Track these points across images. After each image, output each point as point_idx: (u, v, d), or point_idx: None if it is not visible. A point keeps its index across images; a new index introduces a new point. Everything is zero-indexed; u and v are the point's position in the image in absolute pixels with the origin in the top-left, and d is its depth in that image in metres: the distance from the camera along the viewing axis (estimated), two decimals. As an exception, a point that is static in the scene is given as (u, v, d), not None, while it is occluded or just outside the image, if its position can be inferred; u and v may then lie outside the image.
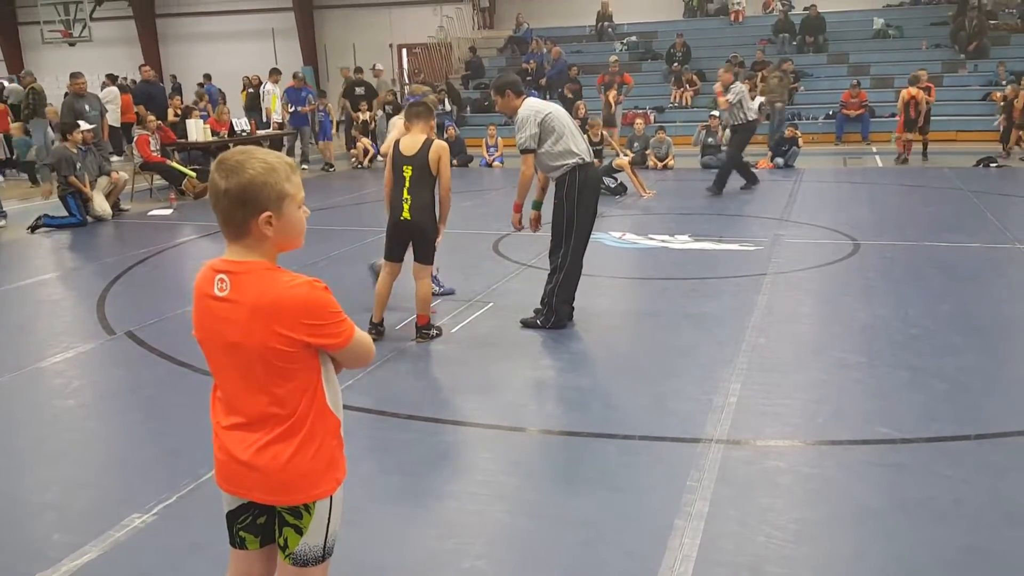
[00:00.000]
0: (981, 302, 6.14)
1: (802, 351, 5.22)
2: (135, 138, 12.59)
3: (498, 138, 15.76)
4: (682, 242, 8.37)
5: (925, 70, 14.77)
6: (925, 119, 13.96)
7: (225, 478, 2.00)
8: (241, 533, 2.05)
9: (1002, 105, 14.90)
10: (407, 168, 5.08)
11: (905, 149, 14.02)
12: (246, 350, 1.87)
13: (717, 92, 11.74)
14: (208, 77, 21.89)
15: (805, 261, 7.43)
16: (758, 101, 16.98)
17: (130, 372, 5.22)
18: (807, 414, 4.25)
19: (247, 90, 18.27)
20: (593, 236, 8.61)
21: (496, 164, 15.34)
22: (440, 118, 10.44)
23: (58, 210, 10.27)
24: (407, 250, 5.32)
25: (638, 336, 5.75)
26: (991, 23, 18.98)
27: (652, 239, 8.56)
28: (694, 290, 6.68)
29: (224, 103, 16.93)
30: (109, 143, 14.67)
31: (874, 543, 3.08)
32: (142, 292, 7.19)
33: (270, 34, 26.87)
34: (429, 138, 5.14)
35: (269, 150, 1.95)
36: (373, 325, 5.36)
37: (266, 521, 2.04)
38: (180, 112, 14.82)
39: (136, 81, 19.56)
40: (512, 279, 7.02)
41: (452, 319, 5.94)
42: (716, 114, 14.63)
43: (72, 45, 24.27)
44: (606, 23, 22.40)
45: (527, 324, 5.69)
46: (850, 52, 19.61)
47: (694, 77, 19.36)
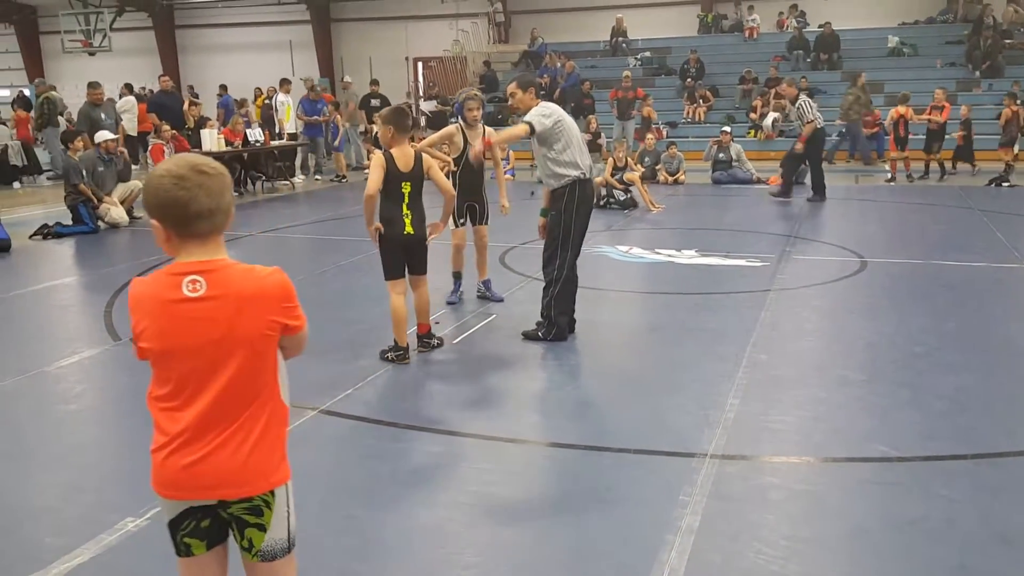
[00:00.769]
0: (985, 321, 6.10)
1: (803, 368, 5.20)
2: (150, 147, 12.73)
3: (510, 151, 15.81)
4: (689, 257, 8.37)
5: (944, 89, 14.75)
6: (939, 139, 13.89)
7: (174, 484, 2.00)
8: (185, 540, 2.06)
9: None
10: (406, 184, 5.02)
11: (896, 168, 14.01)
12: (231, 342, 1.93)
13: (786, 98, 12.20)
14: (224, 88, 22.11)
15: (811, 278, 7.41)
16: (771, 116, 17.00)
17: (132, 378, 5.25)
18: (804, 431, 4.23)
19: (265, 99, 18.40)
20: (599, 249, 8.74)
21: (508, 177, 15.38)
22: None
23: (64, 217, 10.39)
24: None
25: (639, 350, 5.74)
26: (1006, 42, 18.91)
27: (659, 253, 8.56)
28: (698, 305, 6.67)
29: (239, 114, 17.09)
30: (126, 152, 14.87)
31: (864, 562, 3.06)
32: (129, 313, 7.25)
33: (287, 46, 27.15)
34: (416, 151, 5.13)
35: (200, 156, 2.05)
36: (402, 349, 5.20)
37: (210, 524, 2.06)
38: (196, 120, 14.97)
39: (153, 91, 19.79)
40: (517, 291, 7.03)
41: (455, 329, 5.96)
42: (727, 130, 14.65)
43: (92, 55, 24.63)
44: (620, 39, 22.48)
45: (529, 336, 5.70)
46: (864, 70, 19.53)
47: (708, 93, 19.40)
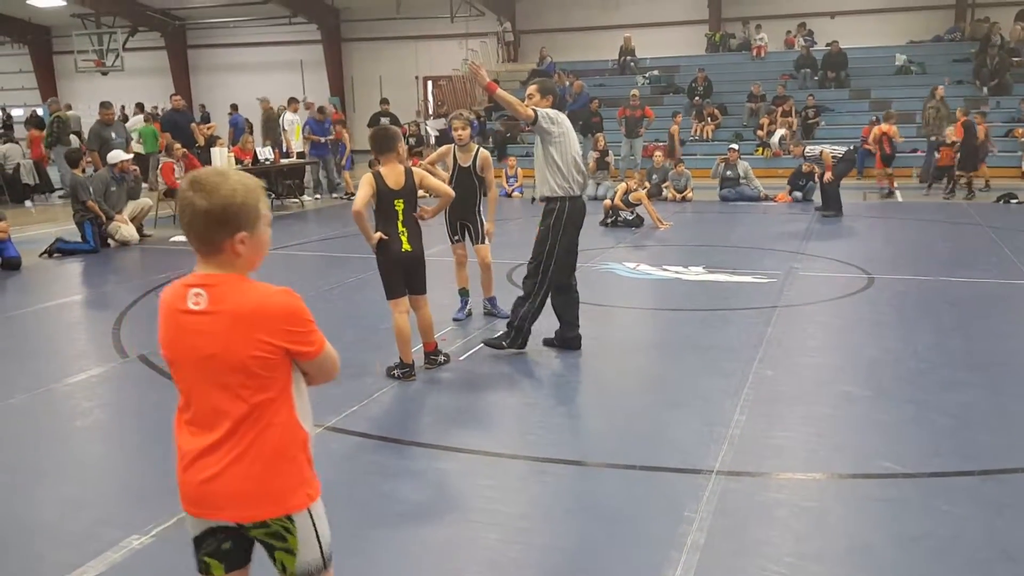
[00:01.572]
0: (990, 338, 6.07)
1: (809, 384, 5.19)
2: (160, 165, 12.85)
3: (518, 168, 15.89)
4: (696, 273, 8.38)
5: (964, 108, 14.78)
6: (971, 154, 13.91)
7: (193, 500, 2.00)
8: (205, 559, 2.05)
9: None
10: (398, 202, 5.04)
11: (890, 183, 14.20)
12: (223, 360, 1.90)
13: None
14: (235, 107, 22.31)
15: (818, 294, 7.40)
16: (779, 134, 17.03)
17: (139, 395, 5.30)
18: (809, 447, 4.22)
19: (273, 111, 18.44)
20: (607, 266, 8.75)
21: (516, 194, 15.46)
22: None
23: (75, 236, 10.49)
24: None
25: (645, 366, 5.74)
26: (1013, 60, 18.92)
27: (666, 270, 8.57)
28: (704, 321, 6.67)
29: (250, 133, 17.22)
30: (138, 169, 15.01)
31: (868, 578, 3.05)
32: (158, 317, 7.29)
33: (298, 66, 27.41)
34: (407, 167, 5.17)
35: (242, 172, 2.00)
36: (408, 367, 5.25)
37: (231, 547, 2.04)
38: (208, 138, 15.10)
39: (164, 110, 19.96)
40: (523, 308, 7.04)
41: (461, 346, 5.98)
42: (735, 147, 14.68)
43: (105, 74, 24.92)
44: (628, 57, 22.60)
45: (491, 344, 5.75)
46: (872, 88, 19.61)
47: (715, 111, 19.46)
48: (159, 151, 13.73)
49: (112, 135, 11.86)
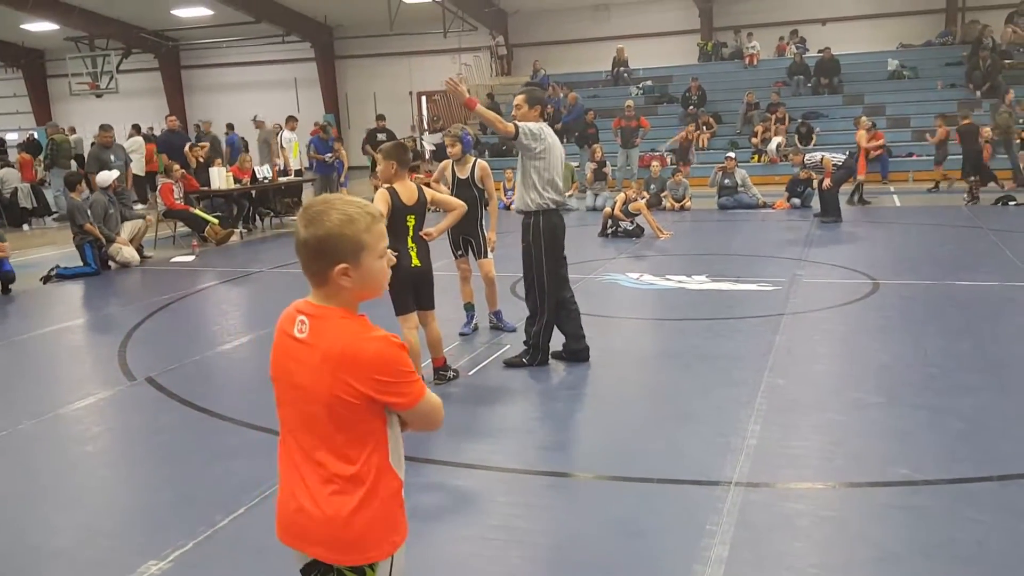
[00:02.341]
0: (999, 340, 6.08)
1: (820, 392, 5.18)
2: (159, 186, 12.84)
3: (515, 181, 15.89)
4: (699, 282, 8.37)
5: (969, 116, 14.84)
6: (975, 158, 13.95)
7: (287, 530, 1.95)
8: None
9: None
10: (410, 218, 5.04)
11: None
12: (311, 394, 1.86)
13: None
14: (231, 127, 22.32)
15: (823, 301, 7.40)
16: (775, 141, 17.06)
17: (149, 418, 5.26)
18: (825, 456, 4.20)
19: (264, 127, 18.46)
20: (610, 277, 8.75)
21: (514, 207, 15.44)
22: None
23: (73, 259, 10.47)
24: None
25: (655, 377, 5.73)
26: (1005, 62, 19.02)
27: (669, 279, 8.57)
28: (711, 331, 6.66)
29: (246, 152, 17.22)
30: (133, 191, 14.99)
31: (895, 588, 3.02)
32: (163, 338, 7.26)
33: (292, 84, 27.47)
34: (417, 184, 5.18)
35: (352, 199, 1.91)
36: None
37: None
38: (203, 159, 15.10)
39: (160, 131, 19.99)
40: (529, 322, 7.02)
41: (469, 361, 5.96)
42: (732, 155, 14.72)
43: (99, 96, 24.96)
44: (622, 68, 22.69)
45: (511, 364, 5.75)
46: (865, 93, 19.70)
47: (710, 120, 19.53)
48: (157, 172, 13.73)
49: (111, 157, 11.84)
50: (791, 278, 8.33)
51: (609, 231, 11.66)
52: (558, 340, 5.86)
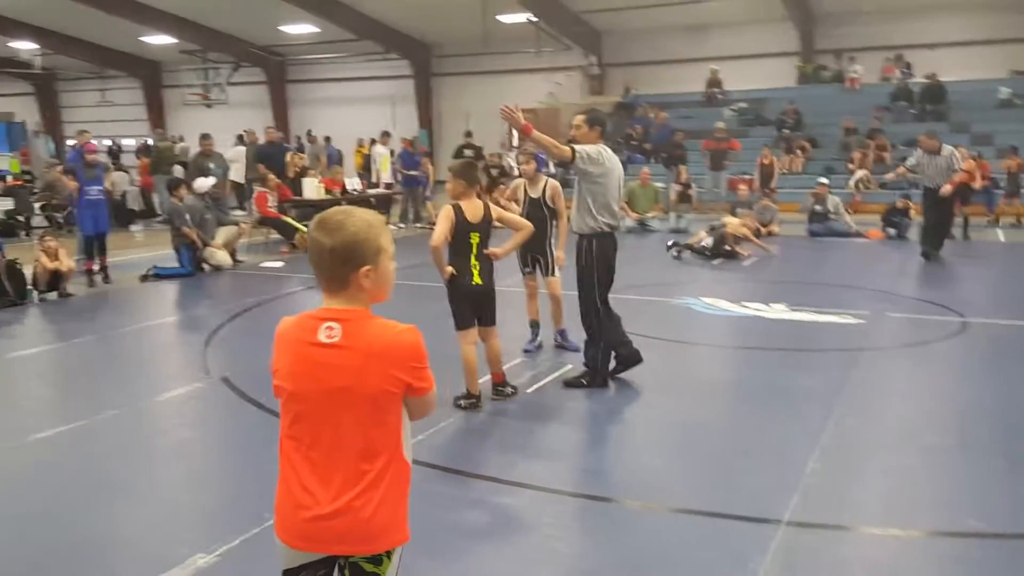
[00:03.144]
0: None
1: (891, 432, 4.96)
2: (255, 194, 13.37)
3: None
4: (778, 311, 8.15)
5: None
6: None
7: (305, 537, 2.02)
8: None
9: None
10: (474, 236, 5.09)
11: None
12: (355, 393, 1.97)
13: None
14: (328, 140, 23.08)
15: (906, 337, 7.09)
16: (858, 175, 16.41)
17: (219, 417, 5.48)
18: (887, 500, 4.02)
19: (368, 148, 19.08)
20: (682, 301, 8.61)
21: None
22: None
23: (172, 261, 10.98)
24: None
25: (717, 407, 5.58)
26: None
27: (745, 307, 8.37)
28: (783, 362, 6.47)
29: (341, 164, 17.81)
30: (233, 197, 15.68)
31: (944, 645, 2.87)
32: (243, 340, 7.55)
33: (389, 100, 28.17)
34: (485, 202, 5.21)
35: (364, 208, 2.09)
36: (475, 397, 5.27)
37: None
38: (299, 169, 15.66)
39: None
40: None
41: (529, 379, 5.96)
42: (824, 181, 14.30)
43: (209, 107, 26.24)
44: (716, 89, 22.39)
45: (571, 384, 5.73)
46: (972, 122, 18.82)
47: (805, 144, 19.04)
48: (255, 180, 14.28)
49: (210, 165, 12.40)
50: (875, 311, 8.01)
51: (708, 253, 11.37)
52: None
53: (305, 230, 12.98)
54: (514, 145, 24.07)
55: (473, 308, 5.19)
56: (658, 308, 8.40)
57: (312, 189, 13.90)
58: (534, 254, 6.51)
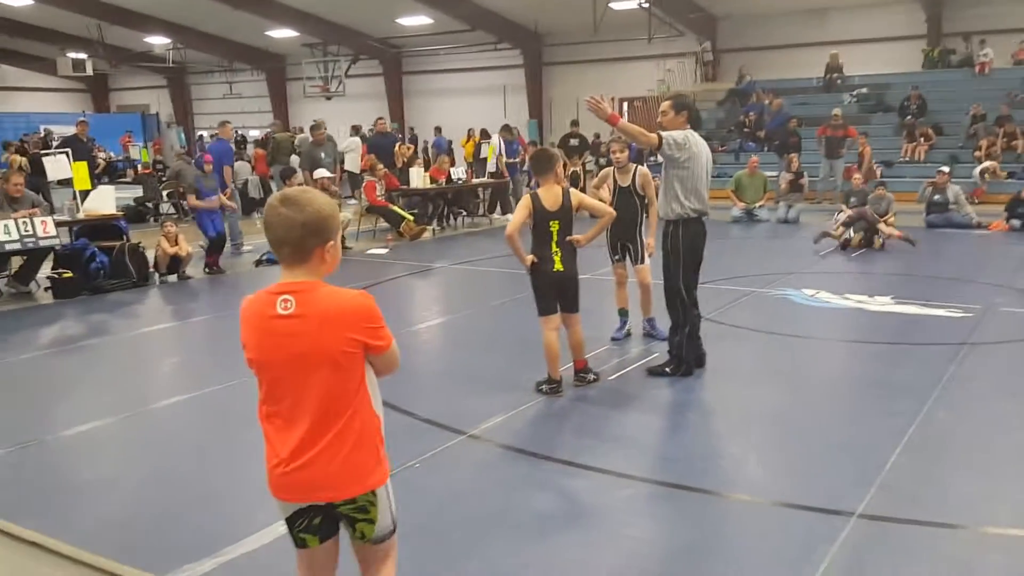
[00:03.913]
0: None
1: (985, 430, 4.75)
2: (363, 183, 13.88)
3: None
4: (881, 304, 7.87)
5: None
6: None
7: (288, 488, 2.25)
8: (301, 535, 2.32)
9: None
10: (554, 223, 5.16)
11: None
12: (316, 357, 2.15)
13: None
14: (438, 130, 23.59)
15: (1017, 333, 6.71)
16: (982, 166, 15.48)
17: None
18: (970, 499, 3.87)
19: (476, 141, 19.42)
20: (782, 292, 8.42)
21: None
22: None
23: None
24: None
25: (805, 399, 5.47)
26: None
27: (848, 299, 8.12)
28: (879, 356, 6.28)
29: (450, 154, 18.21)
30: (348, 186, 16.29)
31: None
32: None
33: (501, 90, 28.46)
34: (563, 188, 5.25)
35: (308, 189, 2.31)
36: (556, 383, 5.37)
37: (321, 521, 2.30)
38: (407, 160, 16.12)
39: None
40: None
41: (614, 366, 6.01)
42: (945, 169, 13.59)
43: (328, 99, 27.27)
44: (835, 75, 21.51)
45: (654, 372, 5.74)
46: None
47: (929, 131, 18.08)
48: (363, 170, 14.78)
49: (322, 155, 12.93)
50: (987, 305, 7.61)
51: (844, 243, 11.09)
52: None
53: (411, 218, 13.40)
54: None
55: (555, 294, 5.29)
56: (756, 299, 8.26)
57: (418, 178, 14.30)
58: (624, 242, 6.54)
